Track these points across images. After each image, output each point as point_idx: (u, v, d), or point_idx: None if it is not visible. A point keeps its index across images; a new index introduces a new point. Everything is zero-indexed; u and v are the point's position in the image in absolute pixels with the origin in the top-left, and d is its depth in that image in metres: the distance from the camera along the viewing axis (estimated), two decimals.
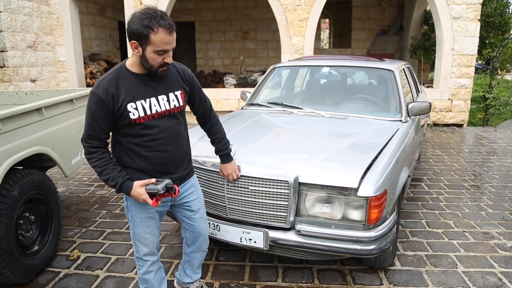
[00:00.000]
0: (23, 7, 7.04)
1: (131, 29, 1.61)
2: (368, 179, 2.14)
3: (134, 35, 1.62)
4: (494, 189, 4.22)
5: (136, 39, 1.62)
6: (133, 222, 1.93)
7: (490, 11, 8.85)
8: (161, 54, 1.65)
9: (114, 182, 1.74)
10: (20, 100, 3.85)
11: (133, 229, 1.94)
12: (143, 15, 1.59)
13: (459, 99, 7.64)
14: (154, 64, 1.68)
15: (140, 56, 1.67)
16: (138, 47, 1.64)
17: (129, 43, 1.66)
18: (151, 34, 1.59)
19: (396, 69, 3.61)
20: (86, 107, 1.75)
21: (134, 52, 1.67)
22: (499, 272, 2.63)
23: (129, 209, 1.92)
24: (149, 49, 1.63)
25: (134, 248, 2.00)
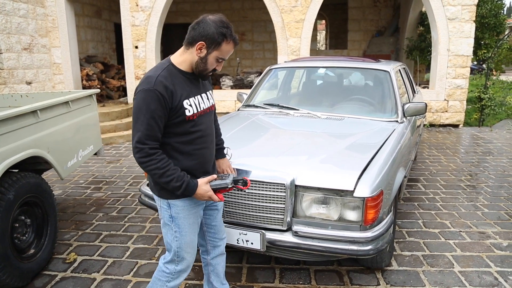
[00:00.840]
0: (18, 9, 7.01)
1: (207, 30, 1.64)
2: (365, 180, 2.14)
3: (207, 37, 1.65)
4: (490, 189, 4.25)
5: (206, 41, 1.66)
6: (181, 231, 1.82)
7: (485, 12, 8.91)
8: (219, 62, 1.73)
9: (180, 182, 1.68)
10: (15, 102, 3.83)
11: (181, 239, 1.83)
12: (221, 23, 1.67)
13: (455, 99, 7.68)
14: (208, 68, 1.73)
15: (201, 57, 1.70)
16: (203, 49, 1.68)
17: (195, 43, 1.67)
18: (224, 43, 1.67)
19: (392, 70, 3.63)
20: (140, 106, 1.62)
21: (196, 52, 1.68)
22: (495, 272, 2.64)
23: (175, 218, 1.81)
24: (214, 54, 1.69)
25: (175, 264, 1.87)
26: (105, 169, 5.11)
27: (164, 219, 1.85)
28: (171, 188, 1.70)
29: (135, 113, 1.65)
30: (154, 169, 1.66)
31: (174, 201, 1.80)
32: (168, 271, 1.88)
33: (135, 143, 1.65)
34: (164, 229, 1.88)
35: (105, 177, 4.77)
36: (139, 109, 1.64)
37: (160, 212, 1.86)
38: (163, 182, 1.69)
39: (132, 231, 3.29)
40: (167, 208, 1.82)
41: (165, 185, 1.70)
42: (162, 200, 1.82)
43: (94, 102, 3.76)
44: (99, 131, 3.86)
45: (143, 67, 7.96)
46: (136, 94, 1.67)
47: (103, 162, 5.47)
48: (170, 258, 1.87)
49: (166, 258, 1.90)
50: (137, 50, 7.91)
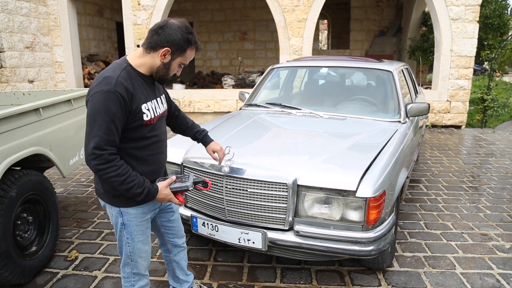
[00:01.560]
0: (20, 7, 7.02)
1: (173, 37, 1.60)
2: (367, 180, 2.14)
3: (173, 43, 1.61)
4: (492, 191, 4.23)
5: (172, 47, 1.62)
6: (132, 238, 1.79)
7: (488, 12, 8.88)
8: (181, 67, 1.72)
9: (141, 188, 1.61)
10: (17, 100, 3.84)
11: (132, 245, 1.80)
12: (186, 29, 1.63)
13: (457, 100, 7.66)
14: (169, 73, 1.71)
15: (164, 63, 1.65)
16: (167, 55, 1.64)
17: (161, 49, 1.62)
18: (188, 49, 1.66)
19: (394, 70, 3.62)
20: (98, 108, 1.52)
21: (160, 58, 1.63)
22: (497, 274, 2.63)
23: (126, 226, 1.77)
24: (178, 60, 1.67)
25: (131, 267, 1.86)
26: None
27: (116, 226, 1.80)
28: (131, 194, 1.61)
29: (92, 116, 1.54)
30: (114, 176, 1.56)
31: (126, 209, 1.74)
32: (126, 275, 1.89)
33: (92, 149, 1.53)
34: (116, 234, 1.83)
35: None
36: (97, 111, 1.53)
37: (111, 219, 1.81)
38: (123, 189, 1.59)
39: None
40: (118, 216, 1.76)
41: (125, 192, 1.61)
42: (113, 208, 1.76)
43: None
44: None
45: None
46: (92, 95, 1.55)
47: None
48: (124, 262, 1.87)
49: (122, 262, 1.89)
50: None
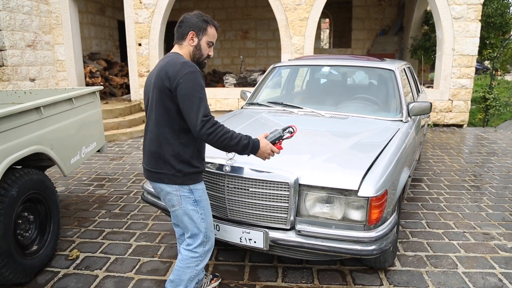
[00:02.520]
0: (22, 5, 7.01)
1: (192, 21, 1.92)
2: (369, 179, 2.13)
3: (194, 26, 1.92)
4: (494, 190, 4.22)
5: (195, 29, 1.92)
6: (206, 213, 1.97)
7: (491, 11, 8.84)
8: (210, 45, 1.98)
9: (246, 139, 1.86)
10: (19, 99, 3.83)
11: (206, 219, 1.97)
12: (200, 14, 1.96)
13: (459, 99, 7.63)
14: (204, 54, 1.96)
15: (195, 46, 1.93)
16: (194, 38, 1.93)
17: (187, 35, 1.91)
18: (208, 27, 1.95)
19: (396, 69, 3.60)
20: (195, 84, 1.76)
21: (189, 42, 1.92)
22: (500, 273, 2.62)
23: (199, 202, 1.94)
24: (204, 39, 1.95)
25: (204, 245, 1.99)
26: (108, 166, 5.12)
27: (186, 206, 1.92)
28: (241, 147, 1.84)
29: (191, 91, 1.76)
30: (223, 134, 1.79)
31: (195, 185, 1.92)
32: (197, 254, 1.98)
33: (202, 117, 1.75)
34: (186, 217, 1.94)
35: (108, 174, 4.78)
36: (194, 87, 1.77)
37: (179, 201, 1.91)
38: (233, 144, 1.81)
39: (134, 229, 3.29)
40: (189, 195, 1.91)
41: (235, 147, 1.83)
42: (183, 188, 1.90)
43: (97, 99, 3.76)
44: (102, 128, 3.86)
45: (146, 65, 7.95)
46: (184, 76, 1.76)
47: (106, 159, 5.47)
48: (199, 241, 1.97)
49: (192, 244, 1.98)
50: (140, 48, 7.91)
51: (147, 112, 1.98)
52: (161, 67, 1.87)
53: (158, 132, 1.88)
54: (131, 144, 6.39)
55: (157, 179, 1.93)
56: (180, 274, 1.98)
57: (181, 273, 1.98)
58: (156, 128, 1.89)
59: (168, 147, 1.87)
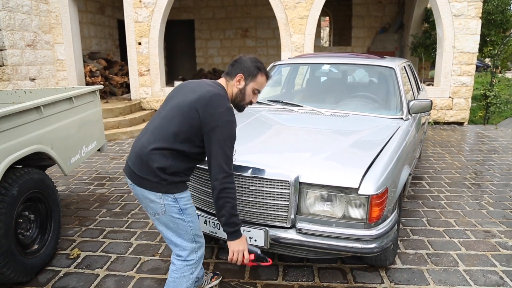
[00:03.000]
0: (21, 5, 7.01)
1: (245, 64, 1.93)
2: (370, 177, 2.13)
3: (245, 69, 1.92)
4: (495, 188, 4.21)
5: (245, 73, 1.92)
6: (192, 219, 1.89)
7: (491, 8, 8.82)
8: (255, 93, 1.98)
9: (238, 221, 1.83)
10: (19, 98, 3.83)
11: (194, 225, 1.89)
12: (256, 59, 1.97)
13: (459, 97, 7.62)
14: (246, 99, 1.98)
15: (240, 88, 1.94)
16: (242, 81, 1.93)
17: (236, 76, 1.93)
18: (259, 74, 1.95)
19: (397, 66, 3.60)
20: (230, 135, 1.77)
21: (236, 84, 1.93)
22: (500, 271, 2.62)
23: (184, 210, 1.84)
24: (251, 85, 1.95)
25: (196, 252, 1.91)
26: (109, 165, 5.12)
27: (171, 214, 1.82)
28: (231, 221, 1.79)
29: (226, 140, 1.75)
30: (232, 197, 1.78)
31: (180, 194, 1.83)
32: (192, 262, 1.91)
33: (227, 169, 1.75)
34: (172, 225, 1.84)
35: (109, 173, 4.78)
36: (230, 137, 1.77)
37: (163, 210, 1.81)
38: (230, 213, 1.78)
39: (135, 227, 3.29)
40: (174, 203, 1.82)
41: (227, 215, 1.78)
42: (167, 196, 1.80)
43: (97, 98, 3.76)
44: (102, 127, 3.86)
45: (146, 64, 7.95)
46: (224, 122, 1.75)
47: (106, 158, 5.48)
48: (190, 250, 1.89)
49: (183, 255, 1.89)
50: (140, 47, 7.90)
51: (160, 112, 1.89)
52: (202, 94, 1.80)
53: (161, 141, 1.78)
54: (131, 143, 6.39)
55: (139, 184, 1.82)
56: (176, 285, 1.89)
57: (177, 284, 1.89)
58: (161, 137, 1.79)
59: (161, 160, 1.77)
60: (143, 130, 1.94)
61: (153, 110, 8.11)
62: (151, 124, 1.89)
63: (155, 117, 1.91)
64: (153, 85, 8.07)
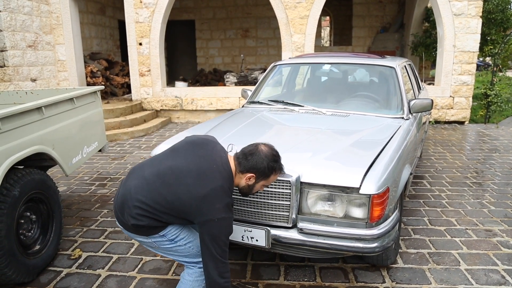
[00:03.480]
0: (22, 6, 7.02)
1: (260, 165, 1.81)
2: (371, 177, 2.12)
3: (258, 171, 1.83)
4: (497, 186, 4.21)
5: (257, 174, 1.83)
6: (189, 239, 1.89)
7: (491, 7, 8.80)
8: (263, 187, 1.93)
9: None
10: (20, 99, 3.84)
11: (194, 243, 1.89)
12: (273, 157, 1.85)
13: (460, 96, 7.61)
14: (252, 192, 1.92)
15: (249, 185, 1.87)
16: (252, 179, 1.85)
17: (247, 173, 1.83)
18: (272, 175, 1.88)
19: (397, 66, 3.59)
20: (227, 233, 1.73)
21: (246, 180, 1.85)
22: (502, 270, 2.62)
23: (176, 238, 1.84)
24: (261, 183, 1.89)
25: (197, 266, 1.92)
26: (110, 166, 5.12)
27: (165, 246, 1.86)
28: None
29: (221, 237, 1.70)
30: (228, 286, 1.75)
31: (163, 231, 1.81)
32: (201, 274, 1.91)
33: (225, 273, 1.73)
34: (171, 252, 1.88)
35: (110, 174, 4.79)
36: (225, 233, 1.72)
37: (156, 245, 1.85)
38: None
39: None
40: (161, 240, 1.84)
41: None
42: (152, 236, 1.82)
43: (98, 99, 3.76)
44: (103, 128, 3.86)
45: (147, 64, 7.95)
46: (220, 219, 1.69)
47: (107, 158, 5.48)
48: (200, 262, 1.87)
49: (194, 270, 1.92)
50: (141, 47, 7.91)
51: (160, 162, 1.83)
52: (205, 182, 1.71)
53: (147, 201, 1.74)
54: (132, 144, 6.40)
55: (123, 225, 1.83)
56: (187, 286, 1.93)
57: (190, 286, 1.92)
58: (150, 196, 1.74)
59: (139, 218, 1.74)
60: (138, 167, 1.88)
61: (154, 110, 8.12)
62: (148, 169, 1.82)
63: (154, 162, 1.85)
64: (154, 86, 8.08)
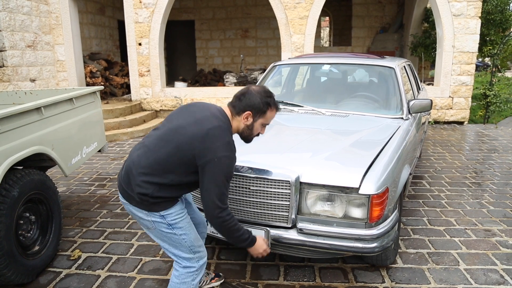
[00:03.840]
0: (22, 6, 7.01)
1: (253, 101, 1.82)
2: (370, 177, 2.13)
3: (254, 107, 1.82)
4: (496, 187, 4.21)
5: (252, 110, 1.83)
6: (185, 231, 1.85)
7: (490, 8, 8.82)
8: (263, 126, 1.92)
9: (247, 234, 1.85)
10: (19, 99, 3.83)
11: (189, 236, 1.86)
12: (265, 93, 1.86)
13: (459, 96, 7.62)
14: (254, 133, 1.91)
15: (247, 125, 1.86)
16: (250, 118, 1.85)
17: (243, 112, 1.83)
18: (268, 111, 1.86)
19: (397, 66, 3.60)
20: (226, 171, 1.71)
21: (243, 121, 1.84)
22: (501, 269, 2.62)
23: (174, 224, 1.82)
24: (259, 121, 1.87)
25: (196, 261, 1.89)
26: (109, 166, 5.12)
27: (161, 230, 1.83)
28: (241, 240, 1.83)
29: (219, 175, 1.69)
30: (233, 225, 1.77)
31: (166, 211, 1.80)
32: (194, 269, 1.89)
33: (221, 204, 1.71)
34: (165, 238, 1.85)
35: (109, 174, 4.78)
36: (225, 173, 1.70)
37: (153, 226, 1.82)
38: (236, 235, 1.80)
39: (136, 228, 3.29)
40: (161, 220, 1.81)
41: (236, 238, 1.82)
42: (152, 214, 1.79)
43: (98, 99, 3.76)
44: (103, 128, 3.86)
45: (146, 64, 7.95)
46: (220, 157, 1.68)
47: (107, 159, 5.48)
48: (189, 259, 1.88)
49: (183, 263, 1.88)
50: (140, 47, 7.91)
51: (158, 129, 1.85)
52: (203, 124, 1.73)
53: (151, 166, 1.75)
54: (132, 144, 6.40)
55: (127, 198, 1.83)
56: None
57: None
58: (153, 159, 1.75)
59: (144, 186, 1.74)
60: (140, 142, 1.90)
61: (153, 111, 8.12)
62: (147, 139, 1.85)
63: (152, 132, 1.88)
64: (154, 86, 8.08)
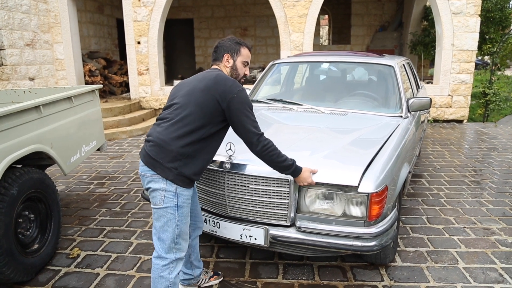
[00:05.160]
0: (20, 4, 7.00)
1: (225, 45, 2.07)
2: (369, 175, 2.13)
3: (228, 49, 2.07)
4: (495, 185, 4.22)
5: (229, 52, 2.06)
6: (182, 220, 1.91)
7: (490, 6, 8.82)
8: (245, 65, 2.12)
9: (291, 161, 2.00)
10: (18, 98, 3.83)
11: (180, 227, 1.91)
12: (233, 38, 2.11)
13: (459, 94, 7.62)
14: (240, 73, 2.11)
15: (231, 66, 2.08)
16: (230, 59, 2.07)
17: (223, 57, 2.07)
18: (241, 48, 2.09)
19: (396, 64, 3.60)
20: (247, 101, 1.90)
21: (226, 64, 2.07)
22: (500, 268, 2.63)
23: (180, 207, 1.88)
24: (239, 60, 2.09)
25: (173, 252, 1.92)
26: (108, 165, 5.12)
27: (167, 209, 1.87)
28: (285, 166, 1.98)
29: (245, 108, 1.88)
30: (274, 150, 1.94)
31: (182, 190, 1.88)
32: (167, 261, 1.91)
33: (257, 130, 1.90)
34: (162, 218, 1.88)
35: (108, 173, 4.78)
36: (248, 104, 1.91)
37: (161, 202, 1.86)
38: (279, 160, 1.96)
39: (135, 227, 3.30)
40: (173, 198, 1.87)
41: (280, 164, 1.97)
42: (170, 186, 1.85)
43: (96, 98, 3.75)
44: (102, 127, 3.86)
45: (145, 63, 7.94)
46: (237, 92, 1.88)
47: (106, 157, 5.47)
48: (167, 248, 1.91)
49: (160, 251, 1.92)
50: (139, 46, 7.89)
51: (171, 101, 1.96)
52: (210, 78, 1.92)
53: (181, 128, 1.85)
54: (131, 143, 6.39)
55: (151, 165, 1.87)
56: (156, 285, 1.93)
57: (156, 284, 1.93)
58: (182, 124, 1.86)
59: (180, 141, 1.84)
60: (155, 123, 1.99)
61: (152, 109, 8.11)
62: (164, 114, 1.95)
63: (165, 112, 1.97)
64: (153, 84, 8.07)
